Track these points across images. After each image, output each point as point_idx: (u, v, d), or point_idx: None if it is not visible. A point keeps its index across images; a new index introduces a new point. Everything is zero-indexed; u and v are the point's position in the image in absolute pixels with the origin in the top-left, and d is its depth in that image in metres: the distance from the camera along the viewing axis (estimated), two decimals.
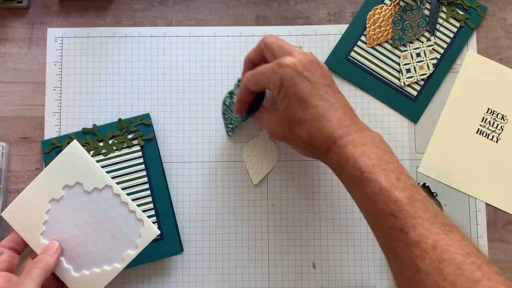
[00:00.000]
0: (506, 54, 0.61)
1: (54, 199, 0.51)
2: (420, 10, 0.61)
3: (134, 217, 0.51)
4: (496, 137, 0.60)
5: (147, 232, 0.51)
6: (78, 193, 0.51)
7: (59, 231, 0.50)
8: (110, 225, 0.51)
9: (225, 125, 0.60)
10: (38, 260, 0.47)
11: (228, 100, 0.59)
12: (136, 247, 0.51)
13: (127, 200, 0.51)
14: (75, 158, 0.51)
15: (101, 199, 0.51)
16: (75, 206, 0.51)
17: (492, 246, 0.59)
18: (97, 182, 0.51)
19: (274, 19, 0.62)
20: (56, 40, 0.61)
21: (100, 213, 0.51)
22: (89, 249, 0.50)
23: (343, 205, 0.59)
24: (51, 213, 0.51)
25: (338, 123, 0.46)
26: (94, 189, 0.51)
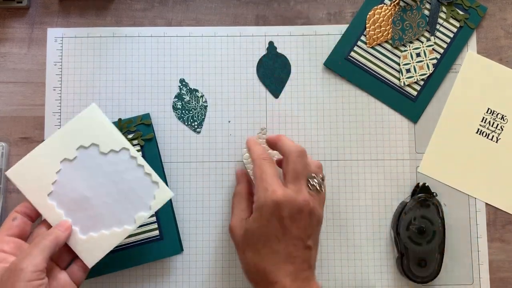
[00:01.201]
0: (506, 54, 0.61)
1: (67, 159, 0.50)
2: (420, 10, 0.61)
3: (150, 179, 0.51)
4: (496, 137, 0.60)
5: (161, 194, 0.51)
6: (94, 155, 0.50)
7: (69, 192, 0.50)
8: (125, 187, 0.50)
9: (189, 126, 0.59)
10: (49, 233, 0.47)
11: (179, 103, 0.59)
12: (149, 209, 0.50)
13: (143, 163, 0.51)
14: (93, 120, 0.51)
15: (118, 161, 0.50)
16: (89, 167, 0.50)
17: (492, 246, 0.59)
18: (114, 145, 0.51)
19: (274, 19, 0.62)
20: (56, 40, 0.61)
21: (115, 175, 0.50)
22: (99, 211, 0.50)
23: (343, 205, 0.59)
24: (62, 174, 0.50)
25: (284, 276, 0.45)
26: (111, 151, 0.50)
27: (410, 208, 0.56)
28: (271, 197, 0.46)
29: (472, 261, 0.58)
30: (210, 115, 0.60)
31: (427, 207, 0.56)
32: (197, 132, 0.60)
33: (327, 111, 0.60)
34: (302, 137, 0.60)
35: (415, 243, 0.56)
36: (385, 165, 0.60)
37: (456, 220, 0.59)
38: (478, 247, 0.58)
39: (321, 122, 0.60)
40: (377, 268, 0.58)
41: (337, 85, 0.61)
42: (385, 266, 0.58)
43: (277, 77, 0.61)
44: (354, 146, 0.60)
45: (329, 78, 0.61)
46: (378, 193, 0.59)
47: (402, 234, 0.56)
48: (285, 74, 0.61)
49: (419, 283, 0.56)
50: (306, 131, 0.60)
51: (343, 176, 0.60)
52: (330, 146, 0.60)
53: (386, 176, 0.60)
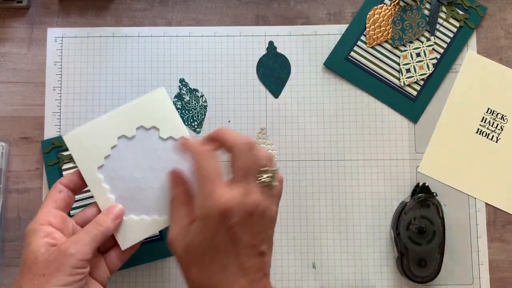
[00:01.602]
0: (506, 54, 0.61)
1: (125, 136, 0.49)
2: (420, 10, 0.61)
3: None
4: (496, 137, 0.60)
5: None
6: (152, 138, 0.49)
7: (119, 169, 0.48)
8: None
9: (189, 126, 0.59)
10: (100, 223, 0.45)
11: (179, 103, 0.59)
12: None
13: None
14: (158, 103, 0.49)
15: (174, 150, 0.49)
16: (145, 149, 0.49)
17: (492, 246, 0.59)
18: (174, 132, 0.49)
19: (274, 19, 0.62)
20: (56, 40, 0.61)
21: (168, 163, 0.49)
22: (144, 195, 0.48)
23: (343, 205, 0.59)
24: (117, 150, 0.49)
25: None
26: (170, 138, 0.49)
27: (410, 208, 0.56)
28: (216, 204, 0.39)
29: (472, 261, 0.58)
30: (210, 115, 0.60)
31: (427, 207, 0.56)
32: (197, 132, 0.60)
33: (327, 111, 0.60)
34: (302, 137, 0.60)
35: (415, 243, 0.56)
36: (385, 165, 0.60)
37: (456, 220, 0.59)
38: (478, 247, 0.58)
39: (321, 122, 0.60)
40: (377, 268, 0.58)
41: (337, 85, 0.61)
42: (385, 266, 0.58)
43: (277, 77, 0.61)
44: (354, 146, 0.60)
45: (329, 78, 0.61)
46: (378, 193, 0.59)
47: (402, 234, 0.56)
48: (285, 74, 0.61)
49: (419, 283, 0.56)
50: (306, 131, 0.60)
51: (343, 176, 0.60)
52: (330, 146, 0.60)
53: (386, 176, 0.60)
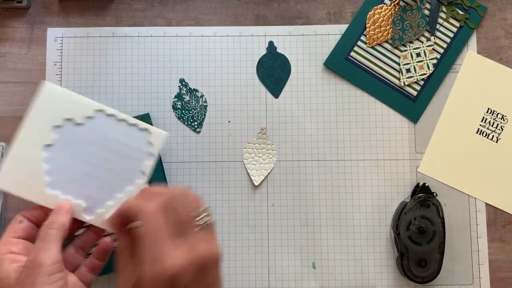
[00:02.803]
0: (506, 54, 0.61)
1: (48, 145, 0.48)
2: (420, 10, 0.61)
3: (137, 129, 0.49)
4: (496, 137, 0.60)
5: (156, 138, 0.50)
6: (71, 129, 0.48)
7: (66, 175, 0.48)
8: (117, 147, 0.49)
9: (189, 126, 0.59)
10: (52, 221, 0.45)
11: (179, 103, 0.59)
12: (152, 155, 0.49)
13: (123, 116, 0.49)
14: (54, 97, 0.48)
15: (97, 126, 0.49)
16: (73, 143, 0.48)
17: (492, 246, 0.59)
18: (86, 111, 0.49)
19: (274, 19, 0.62)
20: (56, 40, 0.61)
21: (101, 140, 0.49)
22: (105, 179, 0.48)
23: (343, 205, 0.59)
24: (50, 160, 0.47)
25: None
26: (86, 119, 0.48)
27: (410, 208, 0.56)
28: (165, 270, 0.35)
29: (472, 261, 0.58)
30: (210, 115, 0.60)
31: (427, 207, 0.56)
32: (197, 132, 0.60)
33: (327, 111, 0.60)
34: (302, 137, 0.60)
35: (415, 243, 0.56)
36: (385, 165, 0.60)
37: (456, 220, 0.59)
38: (478, 247, 0.58)
39: (321, 122, 0.60)
40: (377, 268, 0.58)
41: (337, 85, 0.61)
42: (385, 266, 0.58)
43: (277, 77, 0.61)
44: (354, 146, 0.60)
45: (329, 78, 0.61)
46: (378, 193, 0.59)
47: (402, 234, 0.56)
48: (285, 74, 0.61)
49: (419, 283, 0.56)
50: (306, 131, 0.60)
51: (343, 176, 0.60)
52: (330, 146, 0.60)
53: (386, 176, 0.60)
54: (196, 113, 0.60)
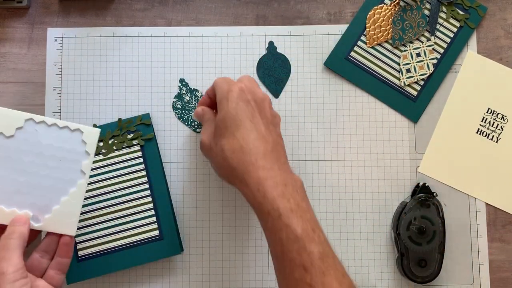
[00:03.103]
0: (506, 54, 0.61)
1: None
2: (420, 10, 0.61)
3: (69, 130, 0.50)
4: (496, 137, 0.60)
5: (90, 136, 0.50)
6: (3, 143, 0.48)
7: (6, 187, 0.48)
8: (52, 152, 0.49)
9: (189, 126, 0.59)
10: (11, 232, 0.45)
11: (179, 103, 0.59)
12: (88, 154, 0.50)
13: (54, 121, 0.49)
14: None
15: (29, 135, 0.49)
16: (7, 156, 0.48)
17: (492, 246, 0.59)
18: (15, 122, 0.49)
19: (274, 19, 0.62)
20: (56, 40, 0.61)
21: (35, 148, 0.49)
22: (46, 185, 0.49)
23: (343, 205, 0.59)
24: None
25: (265, 154, 0.45)
26: (16, 130, 0.49)
27: (410, 208, 0.56)
28: (235, 85, 0.48)
29: (472, 261, 0.58)
30: None
31: (427, 207, 0.56)
32: (197, 132, 0.60)
33: (327, 111, 0.60)
34: (302, 137, 0.60)
35: (415, 243, 0.56)
36: (385, 165, 0.60)
37: (456, 220, 0.59)
38: (478, 247, 0.58)
39: (321, 122, 0.60)
40: (377, 268, 0.58)
41: (337, 85, 0.61)
42: (385, 266, 0.58)
43: (277, 77, 0.61)
44: (354, 146, 0.60)
45: (329, 78, 0.61)
46: (378, 193, 0.59)
47: (402, 234, 0.56)
48: (285, 74, 0.61)
49: (419, 283, 0.56)
50: (306, 131, 0.60)
51: (343, 176, 0.60)
52: (330, 146, 0.60)
53: (386, 176, 0.60)
54: None
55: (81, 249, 0.56)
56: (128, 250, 0.56)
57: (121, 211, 0.57)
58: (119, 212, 0.57)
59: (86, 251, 0.56)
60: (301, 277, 0.40)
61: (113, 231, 0.56)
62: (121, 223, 0.57)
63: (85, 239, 0.56)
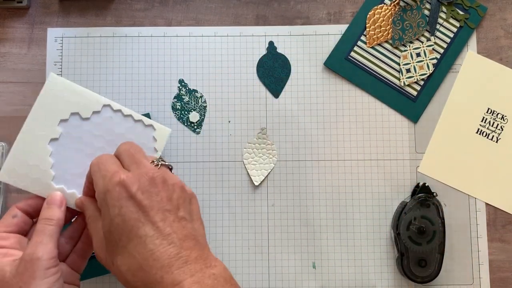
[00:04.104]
0: (506, 54, 0.61)
1: (54, 138, 0.47)
2: (420, 10, 0.61)
3: (143, 125, 0.50)
4: (496, 137, 0.60)
5: (161, 134, 0.50)
6: (78, 124, 0.48)
7: (71, 169, 0.47)
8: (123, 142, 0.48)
9: (188, 127, 0.59)
10: (49, 217, 0.44)
11: (178, 104, 0.59)
12: (156, 151, 0.50)
13: (129, 112, 0.49)
14: (59, 90, 0.48)
15: (104, 121, 0.49)
16: (79, 137, 0.48)
17: (492, 246, 0.59)
18: (93, 106, 0.48)
19: (274, 19, 0.62)
20: (56, 40, 0.61)
21: (107, 135, 0.49)
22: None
23: (343, 205, 0.59)
24: (56, 155, 0.47)
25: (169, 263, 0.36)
26: (93, 113, 0.48)
27: (410, 208, 0.56)
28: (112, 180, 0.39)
29: (472, 261, 0.58)
30: (210, 115, 0.60)
31: (427, 207, 0.56)
32: (196, 132, 0.60)
33: (327, 111, 0.60)
34: (302, 137, 0.60)
35: (415, 243, 0.56)
36: (385, 165, 0.60)
37: (456, 220, 0.59)
38: (478, 247, 0.58)
39: (321, 122, 0.60)
40: (377, 268, 0.58)
41: (337, 85, 0.61)
42: (385, 266, 0.58)
43: (277, 77, 0.61)
44: (354, 146, 0.60)
45: (329, 78, 0.61)
46: (378, 193, 0.59)
47: (402, 234, 0.56)
48: (285, 74, 0.61)
49: (419, 283, 0.56)
50: (306, 131, 0.60)
51: (343, 176, 0.60)
52: (330, 146, 0.60)
53: (386, 176, 0.60)
54: None
55: None
56: None
57: None
58: None
59: None
60: None
61: None
62: None
63: None
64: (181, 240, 0.38)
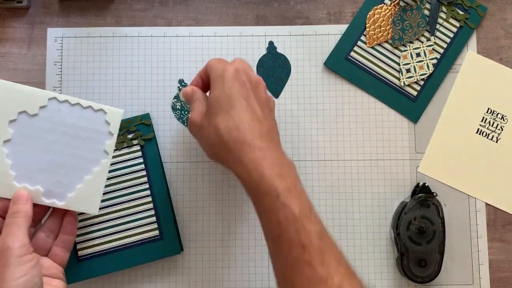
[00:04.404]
0: (506, 54, 0.61)
1: (6, 140, 0.48)
2: (420, 10, 0.61)
3: (92, 110, 0.50)
4: (496, 137, 0.60)
5: (113, 116, 0.50)
6: (27, 121, 0.49)
7: (31, 166, 0.48)
8: (76, 131, 0.50)
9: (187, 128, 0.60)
10: (16, 211, 0.46)
11: (178, 104, 0.59)
12: (112, 135, 0.50)
13: (76, 100, 0.50)
14: (3, 92, 0.48)
15: (52, 114, 0.49)
16: (30, 134, 0.49)
17: (492, 246, 0.59)
18: (39, 101, 0.49)
19: (274, 19, 0.62)
20: (56, 40, 0.61)
21: (59, 127, 0.49)
22: (69, 164, 0.49)
23: (343, 205, 0.59)
24: (12, 155, 0.48)
25: (261, 135, 0.45)
26: (40, 109, 0.49)
27: (410, 208, 0.56)
28: (230, 65, 0.48)
29: (472, 261, 0.58)
30: None
31: (427, 207, 0.56)
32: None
33: (327, 111, 0.60)
34: (302, 137, 0.60)
35: (415, 243, 0.56)
36: (385, 165, 0.60)
37: (456, 220, 0.59)
38: (478, 247, 0.58)
39: (321, 122, 0.60)
40: (377, 268, 0.58)
41: (337, 85, 0.61)
42: (385, 266, 0.58)
43: (277, 77, 0.61)
44: (354, 146, 0.60)
45: (329, 78, 0.61)
46: (378, 193, 0.59)
47: (402, 234, 0.56)
48: (285, 74, 0.61)
49: (419, 283, 0.56)
50: (306, 131, 0.60)
51: (343, 176, 0.60)
52: (330, 146, 0.60)
53: (386, 176, 0.60)
54: None
55: (81, 249, 0.56)
56: (128, 250, 0.56)
57: (121, 211, 0.57)
58: (119, 212, 0.57)
59: (86, 251, 0.56)
60: (300, 255, 0.40)
61: (113, 231, 0.57)
62: (121, 223, 0.57)
63: (85, 239, 0.56)
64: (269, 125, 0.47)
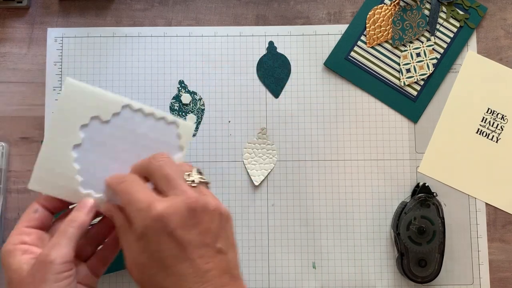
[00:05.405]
0: (506, 54, 0.61)
1: (77, 145, 0.46)
2: (420, 10, 0.61)
3: (165, 122, 0.48)
4: (496, 137, 0.60)
5: (185, 130, 0.48)
6: (99, 127, 0.47)
7: (97, 173, 0.47)
8: (146, 142, 0.47)
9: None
10: (73, 219, 0.43)
11: (176, 104, 0.59)
12: (181, 149, 0.48)
13: (151, 110, 0.48)
14: (76, 95, 0.47)
15: (124, 122, 0.47)
16: (101, 141, 0.47)
17: (492, 246, 0.59)
18: (112, 108, 0.47)
19: (274, 19, 0.62)
20: (56, 40, 0.61)
21: (130, 136, 0.47)
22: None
23: (343, 205, 0.59)
24: (80, 160, 0.46)
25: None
26: (113, 115, 0.47)
27: (410, 208, 0.56)
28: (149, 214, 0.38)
29: (472, 261, 0.58)
30: (210, 115, 0.60)
31: (427, 207, 0.56)
32: (192, 135, 0.60)
33: (327, 111, 0.60)
34: (302, 137, 0.60)
35: (415, 243, 0.56)
36: (385, 165, 0.60)
37: (456, 220, 0.59)
38: (478, 247, 0.58)
39: (321, 122, 0.60)
40: (377, 268, 0.58)
41: (337, 85, 0.61)
42: (385, 266, 0.58)
43: (277, 77, 0.61)
44: (354, 146, 0.60)
45: (329, 78, 0.61)
46: (378, 193, 0.59)
47: (402, 234, 0.56)
48: (285, 74, 0.61)
49: (419, 283, 0.56)
50: (306, 131, 0.60)
51: (343, 176, 0.60)
52: (330, 146, 0.60)
53: (386, 176, 0.60)
54: None
55: None
56: None
57: None
58: None
59: None
60: None
61: None
62: None
63: None
64: (216, 278, 0.38)
